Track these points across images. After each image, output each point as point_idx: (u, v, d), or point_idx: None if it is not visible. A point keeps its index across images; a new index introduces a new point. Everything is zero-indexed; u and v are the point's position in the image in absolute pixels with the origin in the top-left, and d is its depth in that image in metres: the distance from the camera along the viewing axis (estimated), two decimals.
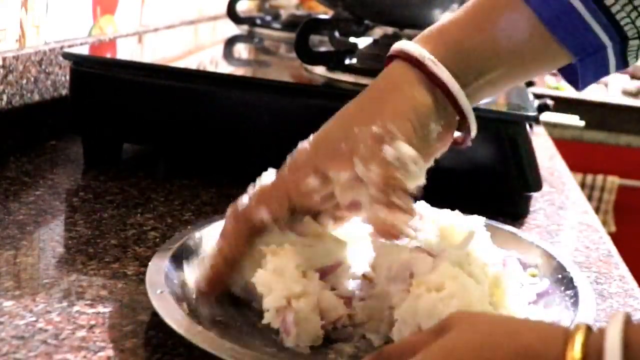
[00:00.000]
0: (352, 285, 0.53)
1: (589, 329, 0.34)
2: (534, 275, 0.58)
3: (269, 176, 0.53)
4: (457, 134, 0.54)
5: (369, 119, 0.50)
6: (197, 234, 0.57)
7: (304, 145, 0.52)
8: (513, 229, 0.64)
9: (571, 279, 0.55)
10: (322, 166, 0.51)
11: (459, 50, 0.52)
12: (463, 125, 0.54)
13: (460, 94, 0.51)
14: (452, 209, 0.56)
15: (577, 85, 0.56)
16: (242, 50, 1.19)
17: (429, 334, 0.38)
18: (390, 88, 0.52)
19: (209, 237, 0.57)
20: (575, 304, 0.52)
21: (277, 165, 0.53)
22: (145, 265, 0.56)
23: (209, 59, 1.00)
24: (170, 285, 0.50)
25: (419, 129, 0.50)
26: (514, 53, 0.53)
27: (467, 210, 0.56)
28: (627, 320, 0.34)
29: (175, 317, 0.46)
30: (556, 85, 2.60)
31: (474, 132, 0.54)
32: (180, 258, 0.54)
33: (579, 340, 0.34)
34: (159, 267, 0.52)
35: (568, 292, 0.54)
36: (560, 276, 0.57)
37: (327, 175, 0.50)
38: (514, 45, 0.53)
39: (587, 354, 0.33)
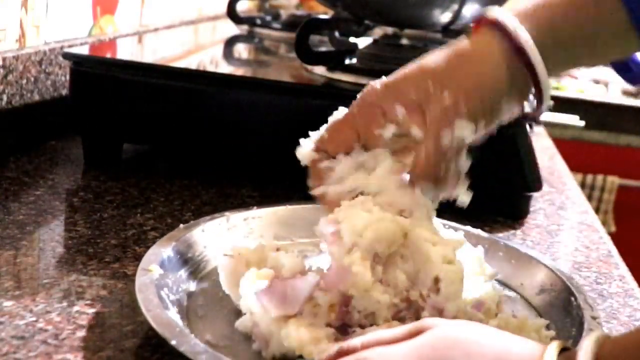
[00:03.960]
0: None
1: (562, 343, 0.35)
2: None
3: (340, 113, 0.55)
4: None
5: (445, 83, 0.51)
6: (199, 229, 0.58)
7: (374, 85, 0.53)
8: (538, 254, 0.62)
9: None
10: (390, 108, 0.52)
11: (550, 29, 0.53)
12: (536, 97, 0.54)
13: (541, 67, 0.52)
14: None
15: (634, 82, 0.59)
16: (242, 50, 1.19)
17: (403, 332, 0.39)
18: (473, 58, 0.53)
19: (210, 231, 0.59)
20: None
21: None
22: None
23: (209, 59, 1.00)
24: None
25: (488, 108, 0.52)
26: (597, 43, 0.55)
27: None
28: (601, 336, 0.34)
29: (149, 299, 0.46)
30: (556, 85, 2.60)
31: (546, 104, 0.55)
32: (179, 250, 0.55)
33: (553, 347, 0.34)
34: (156, 253, 0.53)
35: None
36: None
37: (393, 117, 0.52)
38: (600, 36, 0.54)
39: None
